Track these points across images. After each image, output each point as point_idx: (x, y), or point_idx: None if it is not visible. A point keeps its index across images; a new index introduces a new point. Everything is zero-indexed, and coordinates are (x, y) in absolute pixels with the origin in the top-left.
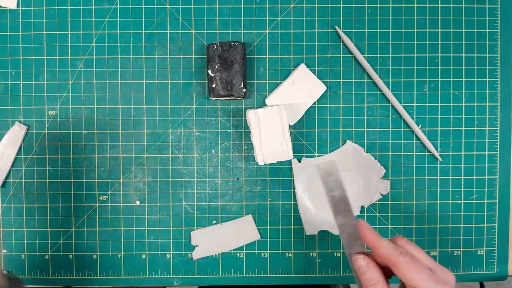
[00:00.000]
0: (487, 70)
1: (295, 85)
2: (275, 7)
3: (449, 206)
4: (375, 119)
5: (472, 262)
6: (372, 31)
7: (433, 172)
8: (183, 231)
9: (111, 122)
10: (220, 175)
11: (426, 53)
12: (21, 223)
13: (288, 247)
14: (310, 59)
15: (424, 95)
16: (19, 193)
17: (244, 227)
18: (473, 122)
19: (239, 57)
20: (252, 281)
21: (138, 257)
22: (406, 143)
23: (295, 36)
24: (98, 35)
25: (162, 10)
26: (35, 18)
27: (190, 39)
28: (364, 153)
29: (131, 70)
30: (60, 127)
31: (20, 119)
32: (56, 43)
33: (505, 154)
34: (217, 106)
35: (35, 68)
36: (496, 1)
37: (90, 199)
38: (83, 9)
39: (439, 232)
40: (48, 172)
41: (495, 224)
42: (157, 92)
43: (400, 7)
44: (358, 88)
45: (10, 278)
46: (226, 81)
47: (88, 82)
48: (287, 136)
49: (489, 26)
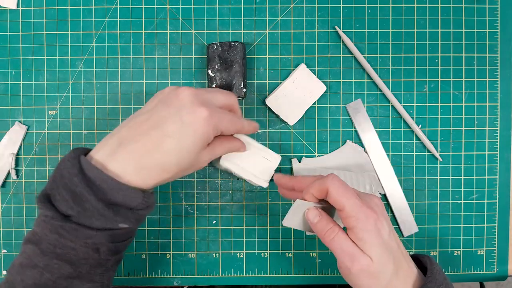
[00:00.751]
0: (487, 70)
1: (295, 85)
2: (275, 7)
3: (449, 206)
4: (375, 119)
5: (472, 262)
6: (372, 31)
7: (433, 172)
8: (183, 231)
9: (111, 122)
10: (220, 175)
11: (426, 53)
12: (21, 223)
13: (288, 247)
14: (310, 59)
15: (424, 95)
16: (19, 193)
17: None
18: (473, 122)
19: (239, 57)
20: (252, 281)
21: (138, 257)
22: (406, 143)
23: (295, 36)
24: (98, 35)
25: (162, 10)
26: (35, 18)
27: (190, 39)
28: (364, 153)
29: (131, 70)
30: (60, 127)
31: (20, 119)
32: (56, 43)
33: (505, 154)
34: None
35: (35, 68)
36: (496, 1)
37: None
38: (83, 9)
39: (439, 232)
40: (48, 172)
41: (495, 224)
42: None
43: (400, 7)
44: (358, 88)
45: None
46: (226, 81)
47: (88, 82)
48: (260, 145)
49: (489, 26)
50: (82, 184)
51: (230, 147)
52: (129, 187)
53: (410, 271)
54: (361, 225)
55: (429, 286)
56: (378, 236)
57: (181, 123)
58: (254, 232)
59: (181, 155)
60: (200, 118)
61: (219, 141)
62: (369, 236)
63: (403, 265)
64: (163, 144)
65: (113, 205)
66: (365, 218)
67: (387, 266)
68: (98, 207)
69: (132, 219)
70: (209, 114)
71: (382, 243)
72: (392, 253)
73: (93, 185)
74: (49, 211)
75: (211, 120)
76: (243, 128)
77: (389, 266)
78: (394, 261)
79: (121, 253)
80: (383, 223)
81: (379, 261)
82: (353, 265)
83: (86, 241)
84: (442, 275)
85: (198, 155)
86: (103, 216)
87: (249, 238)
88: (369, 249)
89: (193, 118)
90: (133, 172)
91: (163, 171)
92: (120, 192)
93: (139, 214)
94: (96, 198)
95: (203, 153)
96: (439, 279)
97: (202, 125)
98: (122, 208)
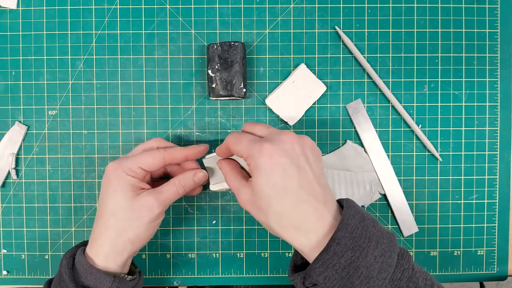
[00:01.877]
0: (487, 70)
1: (295, 85)
2: (275, 7)
3: (449, 206)
4: (375, 119)
5: (472, 262)
6: (372, 31)
7: (433, 172)
8: (183, 231)
9: (111, 122)
10: None
11: (426, 53)
12: (21, 223)
13: (288, 247)
14: (310, 59)
15: (424, 95)
16: (19, 193)
17: None
18: (473, 122)
19: (239, 57)
20: (252, 281)
21: (138, 257)
22: (406, 143)
23: (295, 36)
24: (98, 35)
25: (162, 10)
26: (35, 18)
27: (190, 39)
28: (364, 153)
29: (131, 70)
30: (60, 127)
31: (20, 119)
32: (56, 43)
33: (505, 154)
34: (217, 106)
35: (35, 68)
36: (496, 1)
37: (90, 199)
38: (83, 9)
39: (439, 232)
40: (48, 172)
41: (495, 224)
42: (157, 92)
43: (400, 7)
44: (358, 88)
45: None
46: (226, 81)
47: (88, 82)
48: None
49: (489, 26)
50: (65, 266)
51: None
52: (98, 271)
53: (320, 213)
54: (254, 161)
55: (338, 235)
56: (273, 168)
57: (102, 187)
58: (254, 232)
59: (114, 205)
60: (107, 170)
61: (169, 181)
62: (261, 169)
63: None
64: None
65: (85, 287)
66: (258, 153)
67: (276, 199)
68: (70, 287)
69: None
70: (114, 162)
71: (275, 176)
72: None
73: (74, 268)
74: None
75: (117, 166)
76: (177, 153)
77: (279, 199)
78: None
79: None
80: (282, 156)
81: (261, 195)
82: (239, 199)
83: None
84: (359, 217)
85: (134, 200)
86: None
87: (249, 238)
88: (256, 181)
89: (105, 176)
90: (102, 256)
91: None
92: (91, 275)
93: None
94: (70, 279)
95: (142, 197)
96: (351, 224)
97: (111, 174)
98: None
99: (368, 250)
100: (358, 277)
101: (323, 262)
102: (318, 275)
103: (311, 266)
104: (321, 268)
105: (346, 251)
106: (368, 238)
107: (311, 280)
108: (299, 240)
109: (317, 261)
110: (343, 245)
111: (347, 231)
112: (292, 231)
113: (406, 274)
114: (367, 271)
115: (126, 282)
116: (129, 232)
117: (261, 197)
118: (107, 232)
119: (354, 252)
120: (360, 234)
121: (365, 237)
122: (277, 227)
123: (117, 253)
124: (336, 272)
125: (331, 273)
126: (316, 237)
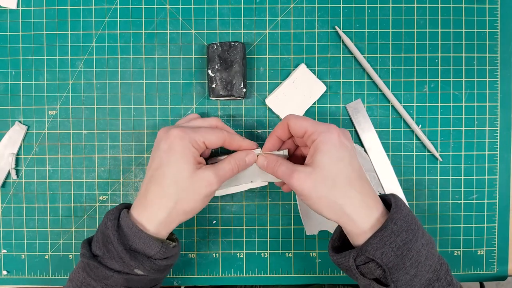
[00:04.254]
0: (487, 70)
1: (295, 85)
2: (275, 7)
3: (449, 206)
4: (375, 119)
5: (472, 262)
6: (372, 31)
7: (433, 172)
8: (183, 231)
9: (111, 122)
10: None
11: (426, 53)
12: (21, 223)
13: (288, 247)
14: (310, 59)
15: (424, 95)
16: (19, 193)
17: None
18: (473, 122)
19: (239, 57)
20: (252, 281)
21: None
22: (406, 143)
23: (295, 36)
24: (98, 35)
25: (162, 10)
26: (35, 18)
27: (190, 39)
28: (364, 153)
29: (131, 70)
30: (60, 127)
31: (20, 119)
32: (56, 43)
33: (505, 154)
34: (217, 106)
35: (35, 68)
36: (496, 1)
37: (90, 199)
38: (83, 9)
39: (439, 232)
40: (48, 172)
41: (495, 224)
42: (157, 92)
43: (400, 7)
44: (358, 88)
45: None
46: (226, 81)
47: (88, 82)
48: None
49: (489, 26)
50: (112, 228)
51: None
52: (148, 235)
53: (375, 199)
54: (322, 136)
55: (394, 217)
56: (341, 145)
57: (161, 152)
58: (254, 232)
59: (176, 174)
60: (172, 136)
61: (224, 159)
62: (329, 144)
63: (369, 184)
64: (163, 180)
65: (133, 251)
66: (327, 129)
67: (344, 172)
68: (118, 250)
69: (147, 266)
70: (181, 130)
71: (342, 151)
72: (356, 166)
73: (121, 230)
74: (84, 249)
75: (184, 135)
76: (235, 141)
77: (347, 173)
78: (355, 172)
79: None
80: (346, 140)
81: (328, 168)
82: (295, 180)
83: (105, 282)
84: (407, 206)
85: (195, 173)
86: (121, 259)
87: (249, 238)
88: (323, 155)
89: (168, 142)
90: (155, 223)
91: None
92: (140, 239)
93: (156, 264)
94: (118, 241)
95: (202, 172)
96: (404, 210)
97: (176, 143)
98: (140, 255)
99: (418, 236)
100: (410, 259)
101: (381, 239)
102: (375, 250)
103: (368, 242)
104: (379, 244)
105: (401, 232)
106: (417, 225)
107: (367, 255)
108: (360, 213)
109: (375, 237)
110: (399, 226)
111: (402, 214)
112: (357, 203)
113: (443, 267)
114: (416, 255)
115: (170, 248)
116: (186, 204)
117: (328, 170)
118: (164, 200)
119: (408, 234)
120: (411, 220)
121: (415, 224)
122: (342, 197)
123: (170, 221)
124: (392, 250)
125: (388, 249)
126: (377, 214)
